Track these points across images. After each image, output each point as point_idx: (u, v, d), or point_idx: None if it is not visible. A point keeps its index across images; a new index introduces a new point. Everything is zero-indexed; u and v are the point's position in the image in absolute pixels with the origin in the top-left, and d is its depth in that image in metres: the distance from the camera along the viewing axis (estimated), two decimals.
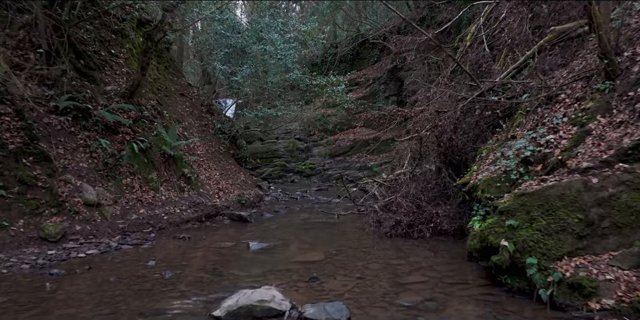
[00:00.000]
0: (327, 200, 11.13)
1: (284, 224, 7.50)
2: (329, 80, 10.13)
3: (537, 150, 4.96)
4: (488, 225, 3.98)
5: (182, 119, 10.48)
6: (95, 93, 7.80)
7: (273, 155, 18.89)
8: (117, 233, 6.02)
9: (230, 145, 11.23)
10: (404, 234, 6.24)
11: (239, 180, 10.07)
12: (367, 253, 5.28)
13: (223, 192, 8.82)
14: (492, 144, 6.61)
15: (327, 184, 15.93)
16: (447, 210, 6.42)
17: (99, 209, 6.15)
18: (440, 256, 5.17)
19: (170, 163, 8.00)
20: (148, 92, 9.69)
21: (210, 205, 7.97)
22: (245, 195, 9.22)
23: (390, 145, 17.86)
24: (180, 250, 5.46)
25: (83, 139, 6.79)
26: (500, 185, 5.04)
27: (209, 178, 8.96)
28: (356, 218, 8.20)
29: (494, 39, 10.27)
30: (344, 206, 10.10)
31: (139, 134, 7.78)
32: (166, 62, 11.64)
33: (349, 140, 18.83)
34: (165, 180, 7.74)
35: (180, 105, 10.93)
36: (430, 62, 14.01)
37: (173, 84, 11.38)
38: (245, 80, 9.85)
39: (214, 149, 10.54)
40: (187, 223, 7.27)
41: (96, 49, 8.81)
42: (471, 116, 7.40)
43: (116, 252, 5.27)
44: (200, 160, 9.47)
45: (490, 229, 3.91)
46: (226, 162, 10.55)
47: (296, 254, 5.28)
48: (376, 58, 22.54)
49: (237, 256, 5.15)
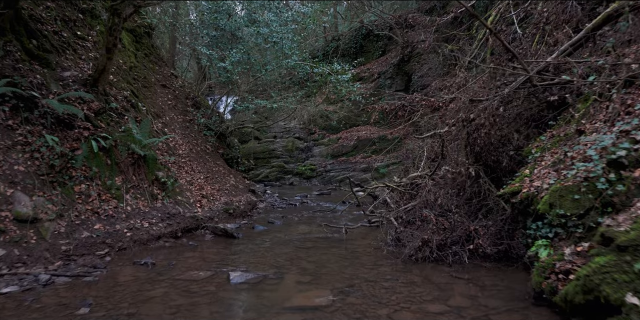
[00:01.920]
0: (330, 207, 9.69)
1: (279, 241, 6.05)
2: (333, 69, 8.72)
3: (634, 149, 3.51)
4: (598, 268, 2.52)
5: (162, 114, 9.04)
6: (48, 79, 6.35)
7: (270, 155, 17.43)
8: (57, 258, 4.57)
9: (219, 144, 9.78)
10: (434, 259, 4.79)
11: (227, 185, 8.62)
12: (390, 291, 3.83)
13: (207, 200, 7.36)
14: (545, 141, 5.15)
15: (330, 187, 14.48)
16: (489, 227, 4.97)
17: (35, 225, 4.70)
18: (491, 295, 3.72)
19: (140, 165, 6.55)
20: (121, 81, 8.25)
21: (190, 216, 6.52)
22: (234, 203, 7.77)
23: (398, 144, 16.43)
24: (136, 285, 4.00)
25: (23, 135, 5.33)
26: (581, 197, 3.58)
27: (190, 183, 7.51)
28: (367, 231, 6.75)
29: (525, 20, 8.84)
30: (350, 215, 8.65)
31: (101, 130, 6.33)
32: (146, 49, 10.20)
33: (353, 139, 17.38)
34: (133, 186, 6.29)
35: (161, 98, 9.48)
36: (446, 52, 12.57)
37: (154, 73, 9.93)
38: (235, 67, 8.40)
39: (200, 148, 9.09)
40: (158, 240, 5.82)
41: (57, 29, 7.37)
42: (510, 108, 5.96)
43: (44, 289, 3.82)
44: (181, 161, 8.02)
45: (602, 274, 2.45)
46: (213, 164, 9.10)
47: (292, 292, 3.83)
48: (381, 51, 21.09)
49: (210, 296, 3.69)
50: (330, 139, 17.79)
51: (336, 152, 17.13)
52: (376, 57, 21.13)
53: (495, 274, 4.33)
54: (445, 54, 12.42)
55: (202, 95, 11.89)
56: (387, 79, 18.46)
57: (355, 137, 17.51)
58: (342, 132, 18.19)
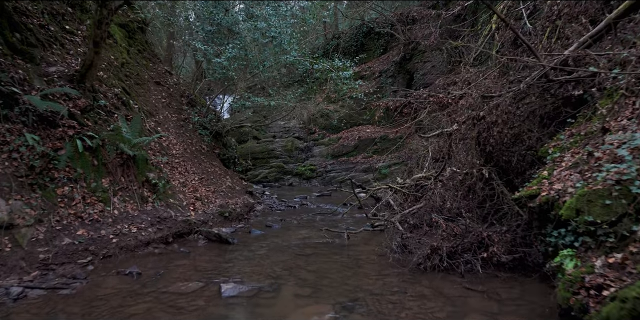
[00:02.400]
0: (331, 208, 9.31)
1: (277, 247, 5.67)
2: (334, 65, 8.33)
3: None
4: None
5: (155, 112, 8.66)
6: (31, 74, 5.98)
7: (269, 155, 17.04)
8: (34, 268, 4.19)
9: (215, 143, 9.40)
10: (444, 268, 4.41)
11: (223, 187, 8.24)
12: (398, 306, 3.45)
13: (201, 203, 6.98)
14: (564, 140, 4.77)
15: (330, 188, 14.10)
16: (504, 233, 4.59)
17: (10, 232, 4.32)
18: (510, 311, 3.35)
19: (129, 166, 6.17)
20: (112, 77, 7.87)
21: (182, 220, 6.14)
22: (230, 206, 7.39)
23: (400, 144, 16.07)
24: (117, 299, 3.63)
25: (1, 134, 4.96)
26: (612, 203, 3.20)
27: (183, 184, 7.13)
28: (371, 236, 6.38)
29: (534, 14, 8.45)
30: (352, 218, 8.27)
31: (88, 128, 5.96)
32: (140, 45, 9.82)
33: (354, 138, 17.00)
34: (121, 188, 5.91)
35: (155, 96, 9.10)
36: (450, 49, 12.18)
37: (147, 70, 9.56)
38: (231, 63, 8.01)
39: (194, 148, 8.71)
40: (147, 246, 5.44)
41: (43, 23, 7.00)
42: (523, 105, 5.58)
43: (14, 304, 3.44)
44: (175, 161, 7.64)
45: None
46: (209, 164, 8.72)
47: (290, 307, 3.46)
48: (382, 49, 20.72)
49: (198, 313, 3.32)
50: (331, 139, 17.41)
51: (337, 152, 16.76)
52: (377, 55, 20.75)
53: (512, 286, 3.96)
54: (450, 51, 12.04)
55: (201, 94, 11.51)
56: (389, 78, 18.09)
57: (356, 137, 17.13)
58: (342, 131, 17.81)
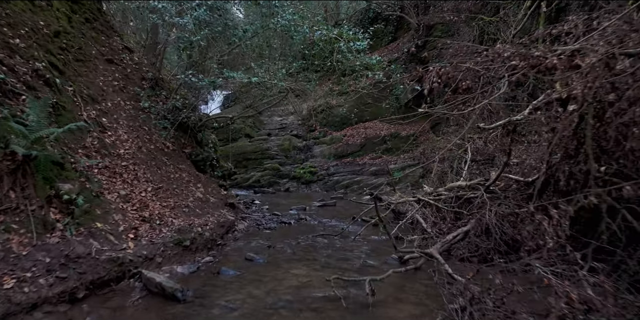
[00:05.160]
0: (337, 226, 7.09)
1: (255, 310, 3.43)
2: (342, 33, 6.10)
3: None
4: None
5: (102, 97, 6.43)
6: None
7: (263, 155, 14.79)
8: None
9: (186, 141, 7.17)
10: None
11: (190, 199, 6.00)
12: None
13: (149, 226, 4.74)
14: None
15: (334, 195, 11.86)
16: None
17: None
18: None
19: (25, 173, 3.93)
20: (34, 48, 5.64)
21: (108, 259, 3.89)
22: (194, 228, 5.14)
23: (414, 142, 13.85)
24: None
25: None
26: None
27: (125, 198, 4.89)
28: (403, 282, 4.13)
29: None
30: (367, 241, 6.05)
31: None
32: (89, 13, 7.59)
33: (360, 136, 14.78)
34: (6, 209, 3.67)
35: (105, 77, 6.87)
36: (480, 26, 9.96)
37: (97, 44, 7.32)
38: (200, 28, 5.77)
39: (154, 146, 6.47)
40: (32, 312, 3.20)
41: None
42: None
43: None
44: (120, 164, 5.40)
45: None
46: (173, 168, 6.48)
47: None
48: (391, 37, 18.53)
49: None
50: (334, 137, 15.18)
51: (340, 152, 14.53)
52: (385, 43, 18.54)
53: None
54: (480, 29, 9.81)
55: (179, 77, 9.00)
56: (400, 68, 15.87)
57: (362, 135, 14.92)
58: (347, 128, 15.59)
